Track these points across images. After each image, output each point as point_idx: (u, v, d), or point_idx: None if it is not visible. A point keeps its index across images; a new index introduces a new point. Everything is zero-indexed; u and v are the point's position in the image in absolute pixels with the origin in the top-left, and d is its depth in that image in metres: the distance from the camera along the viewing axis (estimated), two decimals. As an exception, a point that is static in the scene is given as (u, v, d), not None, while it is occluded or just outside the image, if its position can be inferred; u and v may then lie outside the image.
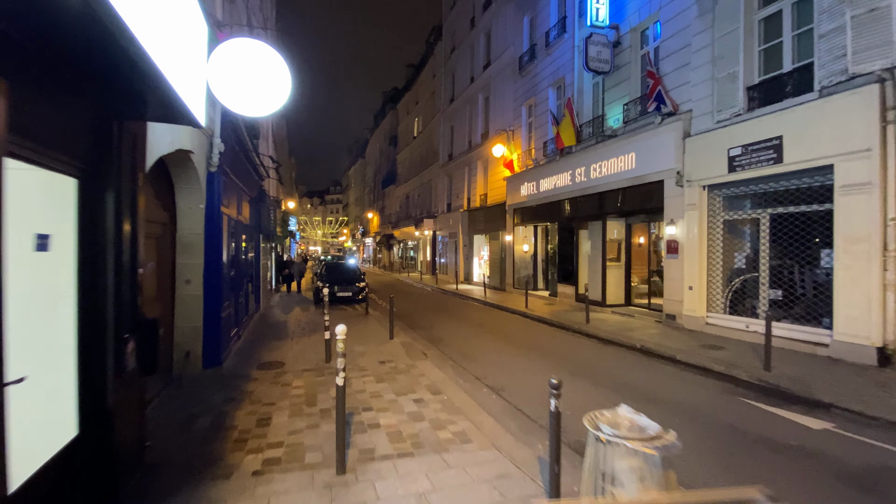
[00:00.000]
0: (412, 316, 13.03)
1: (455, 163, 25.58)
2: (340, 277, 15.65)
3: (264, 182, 13.04)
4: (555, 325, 11.22)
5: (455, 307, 15.21)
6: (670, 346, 8.42)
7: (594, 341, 9.50)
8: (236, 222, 8.66)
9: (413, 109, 37.32)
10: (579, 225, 13.96)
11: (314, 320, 11.62)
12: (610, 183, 12.38)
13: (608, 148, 12.40)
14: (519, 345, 9.08)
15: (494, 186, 20.15)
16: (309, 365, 7.25)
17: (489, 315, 13.28)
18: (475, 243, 22.87)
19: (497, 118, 20.09)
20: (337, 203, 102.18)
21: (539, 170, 15.95)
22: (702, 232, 9.83)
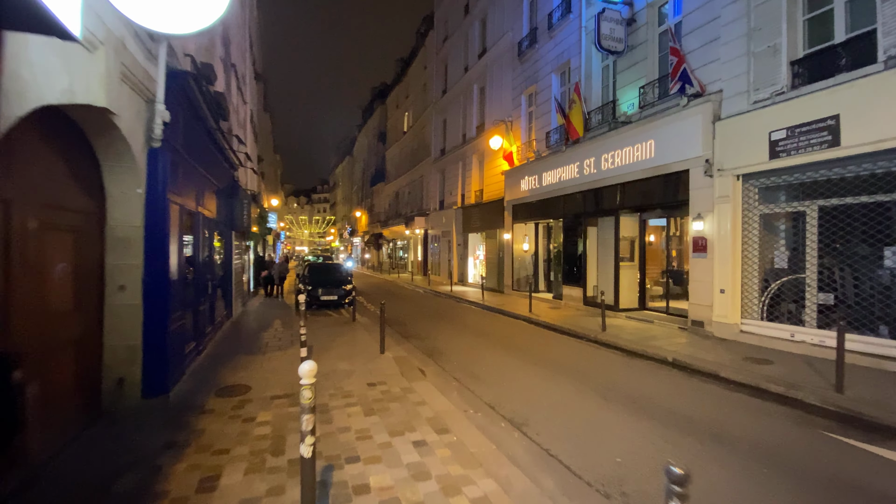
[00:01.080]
0: (405, 322, 11.69)
1: (448, 158, 24.28)
2: (325, 279, 14.23)
3: (238, 172, 11.58)
4: (566, 333, 9.98)
5: (451, 312, 13.91)
6: (708, 360, 7.22)
7: (615, 353, 8.27)
8: (196, 215, 7.24)
9: (403, 103, 35.93)
10: (588, 221, 12.76)
11: (294, 330, 10.21)
12: (624, 174, 11.19)
13: (622, 136, 11.21)
14: (531, 358, 7.81)
15: (491, 182, 18.90)
16: (281, 389, 5.87)
17: (490, 321, 12.01)
18: (470, 242, 21.59)
19: (494, 109, 18.84)
20: (324, 202, 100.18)
21: (541, 162, 14.73)
22: (735, 227, 8.67)
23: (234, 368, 6.84)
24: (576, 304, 13.06)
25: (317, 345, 8.39)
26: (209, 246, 8.64)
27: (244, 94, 15.79)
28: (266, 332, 9.78)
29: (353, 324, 10.82)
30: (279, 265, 15.58)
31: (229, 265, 10.94)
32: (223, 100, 8.64)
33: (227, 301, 10.64)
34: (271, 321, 11.28)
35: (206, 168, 8.15)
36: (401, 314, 13.16)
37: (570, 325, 10.41)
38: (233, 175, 11.09)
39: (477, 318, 12.58)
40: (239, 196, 11.07)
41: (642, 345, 8.36)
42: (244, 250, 13.09)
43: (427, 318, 12.43)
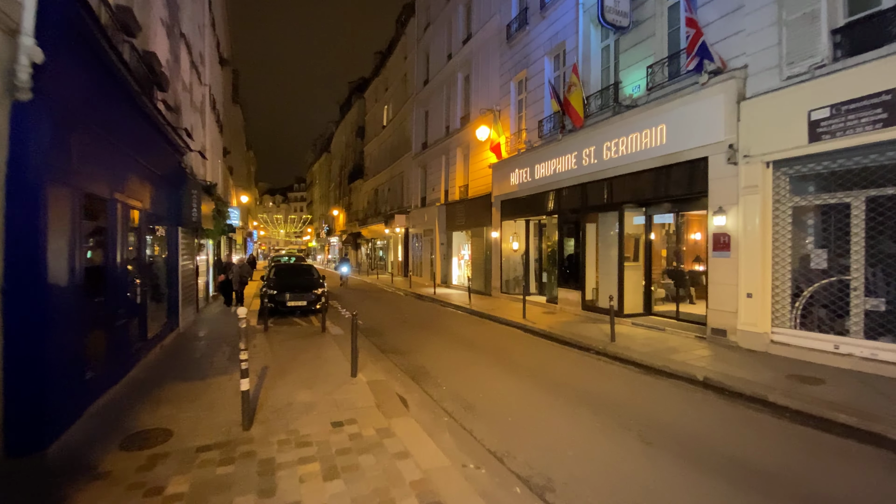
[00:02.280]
0: (383, 332, 10.22)
1: (430, 152, 22.86)
2: (293, 282, 12.61)
3: (187, 158, 9.91)
4: (569, 344, 8.70)
5: (436, 318, 12.50)
6: (747, 379, 6.03)
7: (631, 369, 7.01)
8: (111, 204, 5.64)
9: (382, 97, 34.32)
10: (586, 217, 11.54)
11: (253, 344, 8.63)
12: (630, 164, 10.00)
13: (627, 122, 10.02)
14: (534, 378, 6.47)
15: (477, 176, 17.58)
16: (212, 435, 4.36)
17: (480, 329, 10.65)
18: (454, 241, 20.22)
19: (480, 98, 17.52)
20: (301, 201, 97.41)
21: (534, 153, 13.47)
22: (765, 222, 7.54)
23: (157, 402, 5.27)
24: (573, 308, 11.83)
25: (274, 365, 6.86)
26: (140, 244, 7.01)
27: (201, 75, 14.04)
28: (215, 349, 8.17)
29: (323, 335, 9.29)
30: (238, 268, 13.16)
31: (174, 268, 9.27)
32: (155, 62, 7.02)
33: (170, 310, 8.97)
34: (225, 333, 9.65)
35: (134, 147, 6.53)
36: (379, 322, 11.68)
37: (571, 334, 9.14)
38: (178, 161, 9.42)
39: (465, 325, 11.21)
40: (186, 186, 9.41)
41: (661, 359, 7.13)
42: (198, 250, 11.36)
43: (409, 327, 10.99)
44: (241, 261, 13.76)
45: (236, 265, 13.34)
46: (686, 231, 11.22)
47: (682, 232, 11.00)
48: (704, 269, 12.10)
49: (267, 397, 5.40)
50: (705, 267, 12.06)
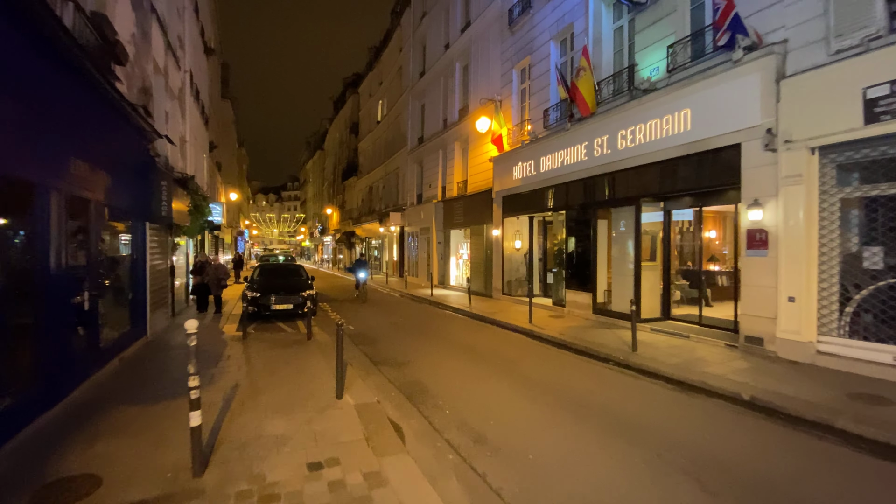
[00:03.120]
0: (376, 339, 9.25)
1: (427, 146, 21.89)
2: (279, 284, 11.60)
3: (154, 146, 8.87)
4: (584, 354, 7.78)
5: (434, 322, 11.55)
6: (802, 399, 5.13)
7: (663, 385, 6.09)
8: (40, 190, 4.63)
9: (376, 91, 33.30)
10: (598, 213, 10.63)
11: (231, 353, 7.64)
12: (647, 154, 9.10)
13: (645, 107, 9.12)
14: (552, 397, 5.54)
15: (477, 171, 16.63)
16: (151, 486, 3.39)
17: (483, 335, 9.70)
18: (452, 240, 19.27)
19: (479, 88, 16.57)
20: (295, 200, 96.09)
21: (538, 145, 12.55)
22: (810, 216, 6.65)
23: (95, 435, 4.27)
24: (582, 312, 10.91)
25: (246, 383, 5.88)
26: (91, 241, 6.01)
27: (179, 60, 13.00)
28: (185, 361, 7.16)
29: (308, 344, 8.30)
30: (214, 268, 11.59)
31: (141, 268, 8.26)
32: (108, 27, 6.00)
33: (136, 316, 7.96)
34: (201, 341, 8.62)
35: (79, 126, 5.53)
36: (371, 327, 10.70)
37: (586, 341, 8.22)
38: (145, 148, 8.40)
39: (466, 330, 10.26)
40: (155, 177, 8.40)
41: (695, 373, 6.22)
42: (173, 249, 10.33)
43: (404, 333, 10.02)
44: (216, 260, 12.41)
45: (212, 265, 11.81)
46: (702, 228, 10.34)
47: (702, 228, 10.10)
48: (721, 270, 11.32)
49: (231, 427, 4.42)
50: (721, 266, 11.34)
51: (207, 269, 11.54)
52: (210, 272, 11.52)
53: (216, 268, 11.75)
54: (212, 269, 11.63)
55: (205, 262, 11.73)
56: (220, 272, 11.71)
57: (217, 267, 11.82)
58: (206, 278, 11.46)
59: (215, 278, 11.56)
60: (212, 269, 11.63)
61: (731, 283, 11.63)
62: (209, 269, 11.55)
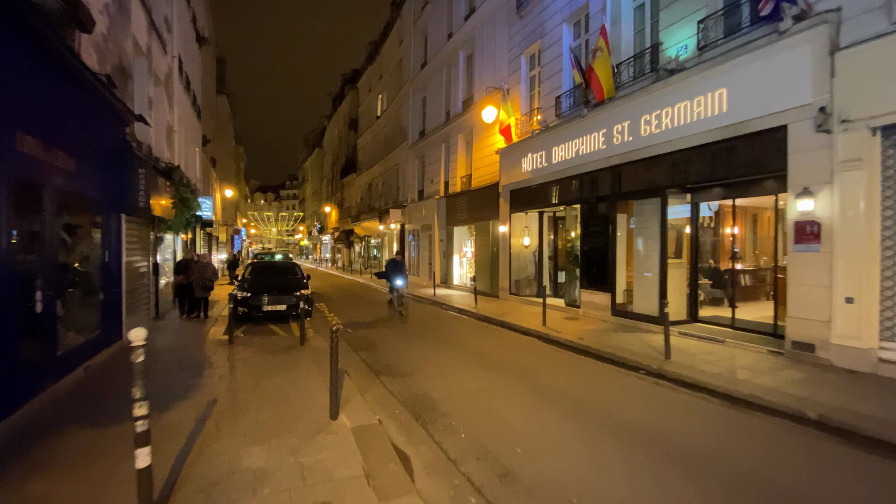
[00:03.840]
0: (376, 343, 8.42)
1: (428, 140, 21.05)
2: (271, 283, 10.77)
3: (130, 130, 8.03)
4: (610, 361, 6.96)
5: (439, 324, 10.72)
6: (880, 417, 4.31)
7: (708, 400, 5.27)
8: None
9: (376, 86, 32.46)
10: (617, 206, 9.81)
11: (214, 360, 6.82)
12: (674, 140, 8.29)
13: (672, 88, 8.30)
14: (584, 415, 4.71)
15: (482, 164, 15.80)
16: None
17: (493, 338, 8.89)
18: (456, 237, 18.44)
19: (485, 77, 15.74)
20: (293, 199, 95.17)
21: (550, 135, 11.73)
22: (871, 206, 5.84)
23: (33, 468, 3.44)
24: (600, 313, 10.09)
25: (226, 398, 5.04)
26: (47, 234, 5.17)
27: (166, 44, 12.15)
28: (163, 371, 6.34)
29: (301, 350, 7.47)
30: (201, 267, 10.11)
31: (115, 265, 7.42)
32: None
33: (108, 319, 7.12)
34: (185, 346, 7.82)
35: (30, 100, 4.70)
36: (372, 330, 9.87)
37: (609, 347, 7.41)
38: (121, 132, 7.57)
39: (473, 334, 9.44)
40: (131, 164, 7.57)
41: (742, 384, 5.42)
42: (155, 245, 9.48)
43: (407, 337, 9.19)
44: (205, 258, 10.70)
45: (199, 264, 10.31)
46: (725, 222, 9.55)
47: (734, 222, 9.30)
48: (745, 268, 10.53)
49: (200, 459, 3.59)
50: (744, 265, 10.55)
51: (193, 269, 10.19)
52: (195, 272, 10.16)
53: (203, 267, 10.29)
54: (198, 268, 10.21)
55: (189, 261, 10.45)
56: (206, 272, 10.28)
57: (204, 266, 10.34)
58: (190, 278, 10.18)
59: (200, 279, 10.14)
60: (198, 268, 10.21)
61: (755, 282, 10.91)
62: (194, 269, 10.19)
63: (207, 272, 10.27)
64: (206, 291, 10.33)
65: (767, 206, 9.14)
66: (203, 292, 10.27)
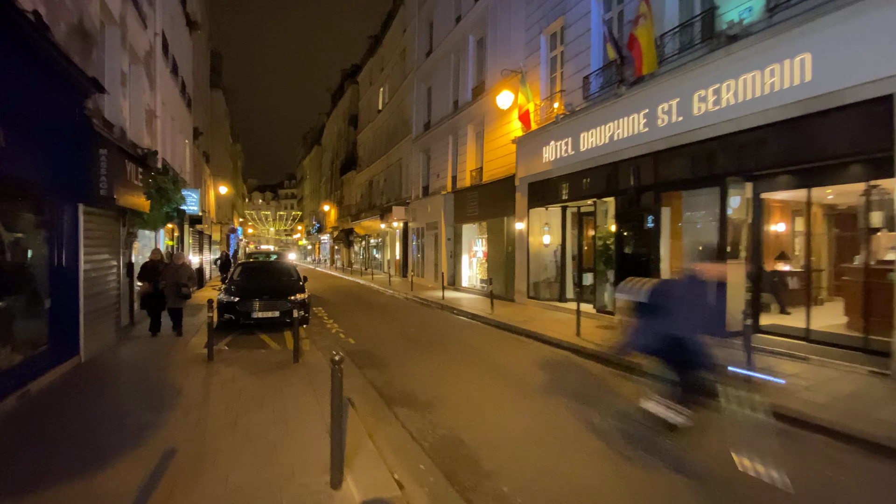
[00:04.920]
0: (386, 359, 7.11)
1: (434, 132, 19.77)
2: (263, 286, 9.47)
3: (93, 104, 6.72)
4: (674, 384, 5.66)
5: (453, 333, 9.44)
6: None
7: (826, 443, 3.98)
8: None
9: (377, 78, 31.18)
10: (662, 198, 8.53)
11: (173, 391, 5.52)
12: (738, 119, 7.00)
13: (734, 58, 7.02)
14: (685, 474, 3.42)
15: (495, 156, 14.52)
16: None
17: (521, 353, 7.60)
18: (465, 236, 17.15)
19: (499, 61, 14.46)
20: (291, 198, 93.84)
21: (577, 119, 10.44)
22: None
23: None
24: (638, 321, 8.79)
25: (189, 445, 3.73)
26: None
27: (146, 17, 10.84)
28: (112, 402, 5.04)
29: (295, 369, 6.16)
30: (174, 271, 8.03)
31: (70, 267, 6.11)
32: None
33: (58, 332, 5.81)
34: (148, 367, 6.51)
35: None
36: (378, 341, 8.57)
37: (668, 365, 6.12)
38: (78, 105, 6.26)
39: (497, 345, 8.15)
40: (90, 143, 6.27)
41: (869, 422, 4.13)
42: (127, 243, 8.16)
43: (420, 349, 7.89)
44: (179, 258, 8.52)
45: (171, 266, 8.18)
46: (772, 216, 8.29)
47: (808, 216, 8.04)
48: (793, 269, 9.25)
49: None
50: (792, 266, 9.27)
51: (164, 273, 8.03)
52: (167, 276, 7.98)
53: (176, 269, 8.11)
54: (170, 271, 8.05)
55: (158, 263, 8.22)
56: (181, 275, 8.07)
57: (178, 269, 8.14)
58: (161, 285, 7.95)
59: (174, 285, 7.93)
60: (170, 271, 8.05)
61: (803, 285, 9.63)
62: (166, 273, 8.02)
63: (183, 275, 8.16)
64: (181, 301, 8.14)
65: (844, 195, 7.84)
66: (177, 302, 8.09)
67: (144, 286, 8.11)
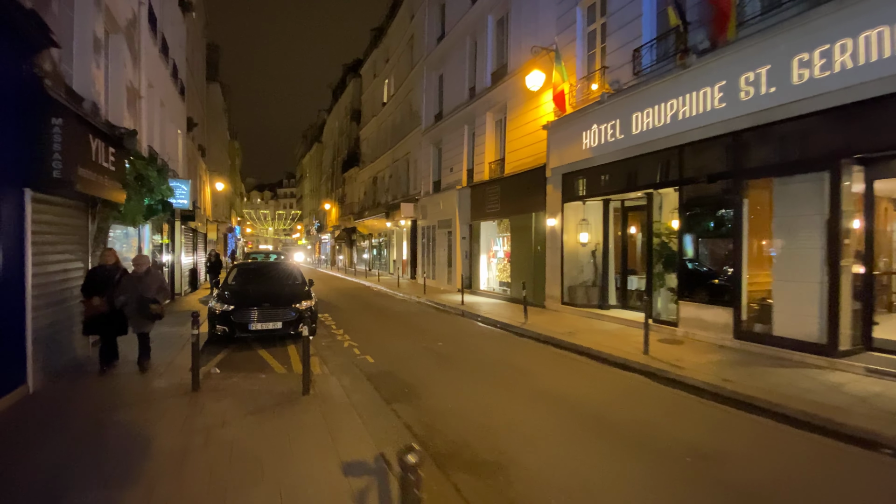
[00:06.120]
0: (416, 384, 5.66)
1: (447, 123, 18.33)
2: (262, 292, 8.03)
3: (49, 66, 5.27)
4: (806, 426, 4.24)
5: (484, 347, 8.02)
6: None
7: None
8: None
9: (382, 70, 29.73)
10: (741, 187, 7.11)
11: (138, 443, 4.09)
12: (855, 87, 5.58)
13: (851, 12, 5.61)
14: None
15: (520, 145, 13.09)
16: None
17: (579, 376, 6.20)
18: (483, 234, 15.72)
19: (523, 41, 13.04)
20: (290, 197, 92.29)
21: (627, 98, 9.02)
22: None
23: None
24: (713, 335, 7.38)
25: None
26: None
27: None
28: (45, 471, 3.60)
29: (305, 405, 4.72)
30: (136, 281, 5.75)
31: (13, 268, 4.68)
32: None
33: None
34: (112, 404, 5.08)
35: None
36: (403, 360, 7.12)
37: (787, 398, 4.71)
38: (25, 59, 4.82)
39: (550, 368, 6.73)
40: (41, 110, 4.84)
41: None
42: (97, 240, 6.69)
43: (458, 372, 6.45)
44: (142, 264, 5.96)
45: (132, 276, 5.83)
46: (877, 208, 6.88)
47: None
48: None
49: None
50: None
51: (122, 285, 5.65)
52: (128, 288, 5.64)
53: (140, 279, 5.77)
54: (130, 283, 5.71)
55: (112, 270, 5.74)
56: (146, 286, 5.73)
57: (142, 278, 5.77)
58: (118, 301, 5.57)
59: (137, 301, 5.63)
60: (130, 283, 5.71)
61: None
62: (126, 285, 5.66)
63: (151, 286, 5.76)
64: (147, 322, 5.80)
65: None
66: (142, 324, 5.78)
67: (91, 304, 5.45)
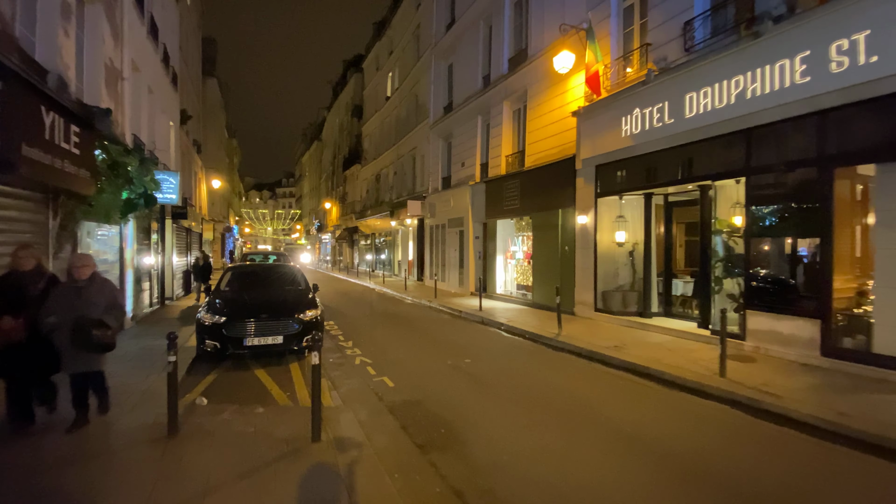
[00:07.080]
0: (448, 417, 4.53)
1: (458, 114, 17.18)
2: (259, 300, 6.89)
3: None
4: None
5: (521, 366, 6.88)
6: None
7: None
8: None
9: (385, 63, 28.57)
10: (830, 176, 5.98)
11: None
12: None
13: None
14: None
15: (544, 135, 11.96)
16: None
17: (648, 407, 5.07)
18: (499, 233, 14.58)
19: (546, 21, 11.92)
20: (290, 196, 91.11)
21: (676, 77, 7.89)
22: None
23: None
24: (793, 351, 6.26)
25: None
26: None
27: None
28: None
29: (316, 456, 3.58)
30: (59, 295, 3.78)
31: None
32: None
33: None
34: (72, 452, 3.93)
35: None
36: (429, 383, 5.98)
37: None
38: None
39: (609, 394, 5.60)
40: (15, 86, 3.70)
41: None
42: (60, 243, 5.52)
43: (502, 402, 5.32)
44: (83, 269, 3.89)
45: (70, 284, 3.90)
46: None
47: None
48: None
49: None
50: None
51: (52, 299, 3.78)
52: (59, 305, 3.74)
53: (79, 291, 3.87)
54: (64, 296, 3.82)
55: (31, 279, 3.84)
56: (88, 301, 3.84)
57: (83, 289, 3.88)
58: (46, 324, 3.69)
59: (73, 323, 3.68)
60: (64, 296, 3.82)
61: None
62: (56, 299, 3.79)
63: (93, 304, 3.87)
64: (91, 358, 3.91)
65: None
66: (84, 360, 3.88)
67: (12, 326, 3.59)
